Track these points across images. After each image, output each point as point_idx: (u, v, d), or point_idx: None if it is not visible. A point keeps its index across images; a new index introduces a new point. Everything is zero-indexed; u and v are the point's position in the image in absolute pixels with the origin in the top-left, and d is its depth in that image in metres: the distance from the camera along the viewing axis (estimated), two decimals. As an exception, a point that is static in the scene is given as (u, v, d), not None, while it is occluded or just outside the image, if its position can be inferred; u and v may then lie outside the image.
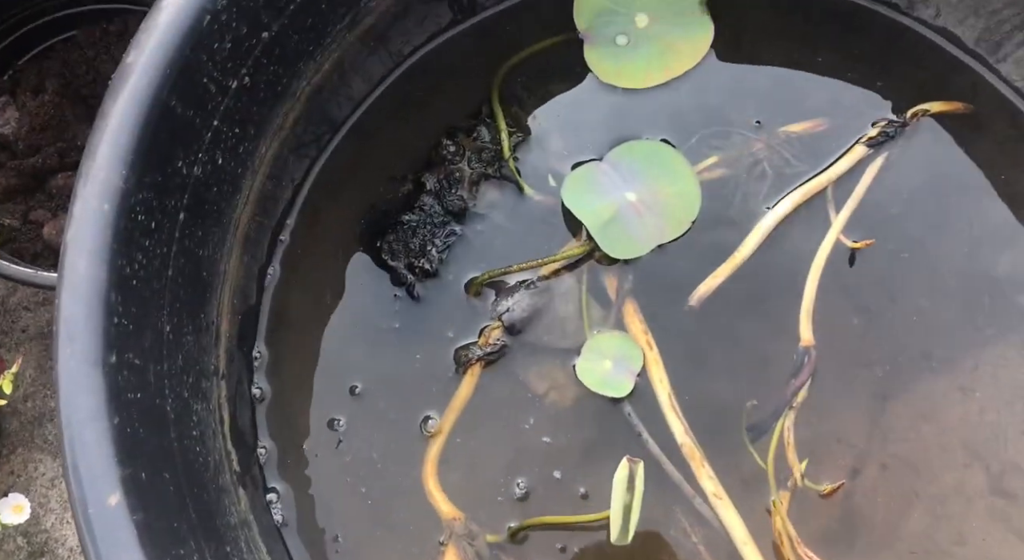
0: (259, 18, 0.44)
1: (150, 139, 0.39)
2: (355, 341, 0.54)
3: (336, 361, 0.54)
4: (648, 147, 0.49)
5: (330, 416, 0.52)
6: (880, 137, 0.48)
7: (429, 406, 0.50)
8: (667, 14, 0.54)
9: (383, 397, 0.52)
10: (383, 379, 0.52)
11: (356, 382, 0.52)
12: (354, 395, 0.52)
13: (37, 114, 0.58)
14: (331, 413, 0.52)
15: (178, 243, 0.44)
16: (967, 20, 0.52)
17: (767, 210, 0.48)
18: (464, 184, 0.51)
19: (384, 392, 0.52)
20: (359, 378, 0.52)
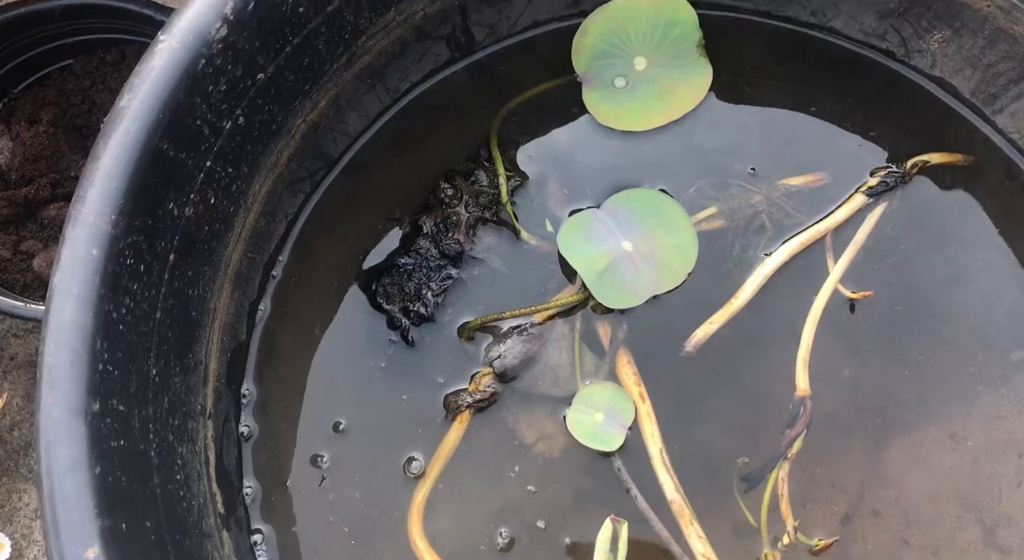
0: (255, 60, 0.44)
1: (141, 183, 0.39)
2: (345, 380, 0.53)
3: (324, 399, 0.53)
4: (646, 196, 0.49)
5: (314, 452, 0.51)
6: (879, 187, 0.48)
7: (414, 447, 0.50)
8: (665, 57, 0.54)
9: (367, 435, 0.51)
10: (369, 418, 0.52)
11: (341, 419, 0.52)
12: (338, 431, 0.51)
13: (31, 144, 0.57)
14: (315, 449, 0.51)
15: (167, 284, 0.43)
16: (963, 71, 0.52)
17: (765, 256, 0.47)
18: (461, 228, 0.50)
19: (369, 431, 0.51)
20: (345, 416, 0.52)
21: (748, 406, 0.48)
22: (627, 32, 0.54)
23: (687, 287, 0.48)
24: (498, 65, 0.60)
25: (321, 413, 0.53)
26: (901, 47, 0.54)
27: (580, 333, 0.47)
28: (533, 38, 0.60)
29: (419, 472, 0.48)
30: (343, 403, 0.52)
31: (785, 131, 0.54)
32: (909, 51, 0.54)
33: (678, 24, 0.54)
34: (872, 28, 0.54)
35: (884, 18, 0.53)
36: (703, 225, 0.49)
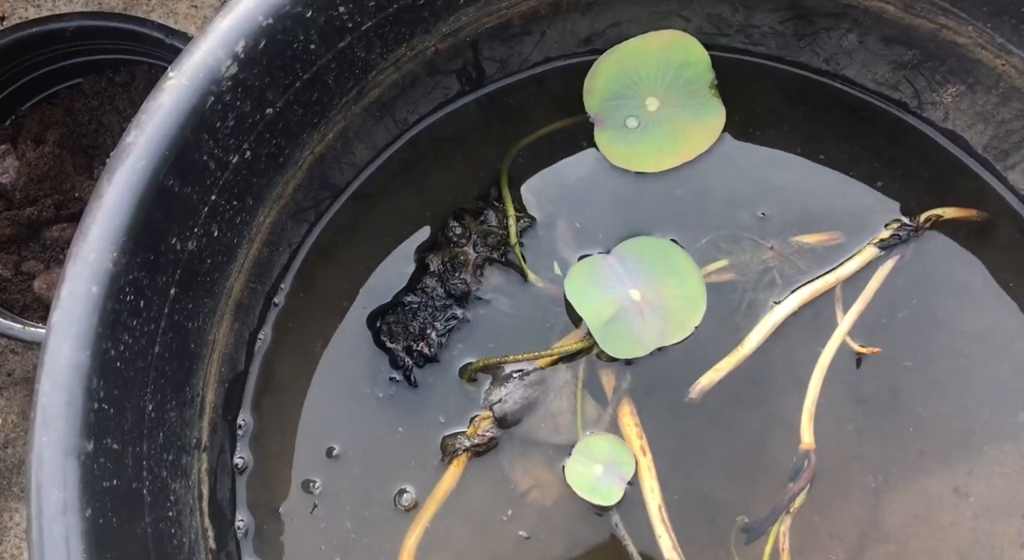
0: (264, 96, 0.44)
1: (144, 220, 0.38)
2: (344, 413, 0.53)
3: (320, 430, 0.53)
4: (657, 245, 0.49)
5: (306, 478, 0.51)
6: (892, 240, 0.48)
7: (407, 481, 0.49)
8: (677, 97, 0.54)
9: (361, 466, 0.51)
10: (366, 450, 0.51)
11: (337, 450, 0.51)
12: (332, 457, 0.51)
13: (37, 165, 0.57)
14: (308, 475, 0.51)
15: (167, 318, 0.43)
16: (976, 126, 0.52)
17: (774, 304, 0.47)
18: (468, 268, 0.50)
19: (364, 462, 0.51)
20: (340, 445, 0.51)
21: (751, 455, 0.47)
22: (639, 73, 0.54)
23: (693, 338, 0.47)
24: (508, 98, 0.60)
25: (316, 444, 0.52)
26: (914, 98, 0.54)
27: (583, 381, 0.47)
28: (544, 73, 0.59)
29: (410, 504, 0.48)
30: (340, 435, 0.52)
31: (796, 177, 0.53)
32: (922, 103, 0.54)
33: (690, 65, 0.54)
34: (885, 78, 0.54)
35: (897, 69, 0.53)
36: (713, 277, 0.49)
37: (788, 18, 0.54)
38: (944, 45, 0.49)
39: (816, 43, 0.55)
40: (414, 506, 0.48)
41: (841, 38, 0.53)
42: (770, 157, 0.54)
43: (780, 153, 0.55)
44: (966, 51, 0.48)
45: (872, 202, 0.52)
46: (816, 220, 0.50)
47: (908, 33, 0.50)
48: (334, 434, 0.52)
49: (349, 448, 0.52)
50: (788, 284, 0.48)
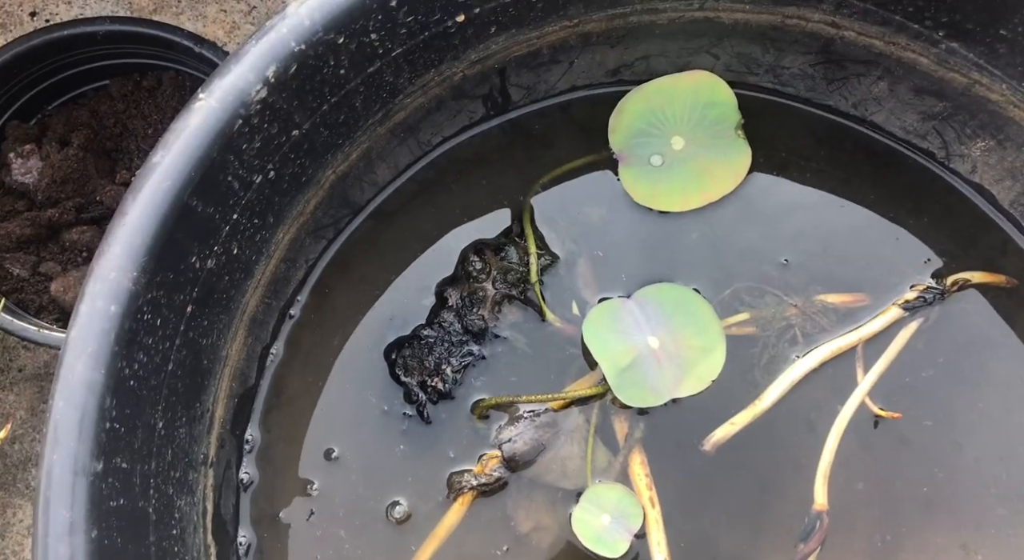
0: (291, 118, 0.44)
1: (166, 239, 0.38)
2: (352, 432, 0.53)
3: (325, 443, 0.53)
4: (678, 293, 0.48)
5: (307, 481, 0.51)
6: (917, 302, 0.47)
7: (400, 492, 0.49)
8: (703, 137, 0.54)
9: (361, 476, 0.51)
10: (373, 475, 0.51)
11: (338, 455, 0.51)
12: (331, 459, 0.51)
13: (60, 167, 0.57)
14: (309, 483, 0.51)
15: (182, 336, 0.43)
16: (1004, 181, 0.51)
17: (796, 358, 0.46)
18: (487, 304, 0.50)
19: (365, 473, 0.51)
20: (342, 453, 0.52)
21: (762, 511, 0.47)
22: (665, 112, 0.54)
23: (710, 390, 0.46)
24: (532, 124, 0.60)
25: (318, 454, 0.52)
26: (942, 149, 0.53)
27: (595, 426, 0.46)
28: (569, 101, 0.59)
29: (401, 516, 0.48)
30: (346, 448, 0.52)
31: (820, 222, 0.53)
32: (950, 154, 0.53)
33: (717, 105, 0.54)
34: (913, 127, 0.54)
35: (927, 119, 0.52)
36: (734, 330, 0.48)
37: (819, 62, 0.54)
38: (976, 100, 0.48)
39: (845, 88, 0.54)
40: (407, 518, 0.48)
41: (871, 85, 0.53)
42: (795, 200, 0.54)
43: (805, 197, 0.54)
44: (998, 108, 0.48)
45: (895, 252, 0.51)
46: (840, 274, 0.50)
47: (940, 85, 0.49)
48: (341, 449, 0.52)
49: (351, 456, 0.52)
50: (809, 342, 0.47)
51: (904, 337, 0.46)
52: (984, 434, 0.47)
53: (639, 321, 0.48)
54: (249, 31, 0.78)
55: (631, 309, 0.49)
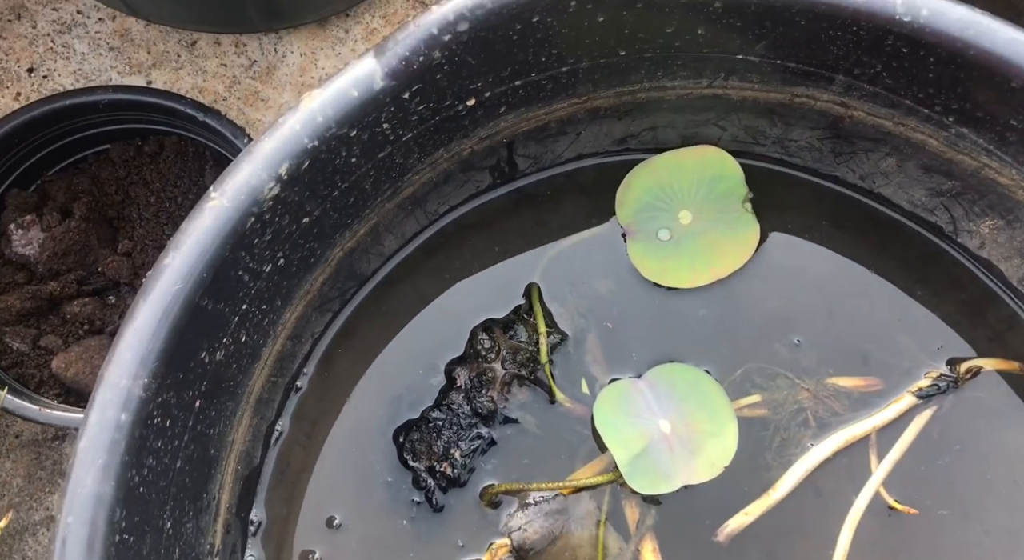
0: (303, 208, 0.43)
1: (177, 342, 0.38)
2: (358, 519, 0.52)
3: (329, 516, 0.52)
4: (690, 375, 0.48)
5: None
6: (930, 389, 0.47)
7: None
8: (710, 211, 0.54)
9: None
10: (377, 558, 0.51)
11: (344, 524, 0.51)
12: (336, 542, 0.50)
13: (62, 239, 0.56)
14: None
15: (190, 431, 0.42)
16: (1012, 259, 0.51)
17: (810, 446, 0.46)
18: (496, 385, 0.49)
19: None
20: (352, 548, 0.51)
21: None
22: (672, 186, 0.54)
23: (722, 475, 0.46)
24: (538, 190, 0.60)
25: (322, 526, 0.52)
26: (950, 225, 0.53)
27: (607, 512, 0.46)
28: (576, 168, 0.59)
29: None
30: (355, 541, 0.51)
31: (831, 298, 0.53)
32: (958, 230, 0.53)
33: (724, 179, 0.54)
34: (921, 202, 0.54)
35: (935, 196, 0.53)
36: (745, 411, 0.48)
37: (827, 136, 0.54)
38: (985, 182, 0.48)
39: (853, 161, 0.55)
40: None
41: (879, 160, 0.53)
42: (804, 276, 0.53)
43: (813, 271, 0.54)
44: (1008, 191, 0.48)
45: (906, 331, 0.51)
46: (851, 357, 0.50)
47: (949, 166, 0.49)
48: (346, 534, 0.51)
49: (356, 543, 0.51)
50: (821, 425, 0.47)
51: (918, 425, 0.46)
52: (1001, 520, 0.47)
53: (650, 404, 0.48)
54: (250, 87, 0.78)
55: (642, 391, 0.48)
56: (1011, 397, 0.48)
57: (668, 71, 0.50)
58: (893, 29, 0.42)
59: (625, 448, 0.46)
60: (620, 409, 0.48)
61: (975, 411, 0.48)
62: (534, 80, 0.48)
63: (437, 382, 0.53)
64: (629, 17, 0.44)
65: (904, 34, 0.42)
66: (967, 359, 0.48)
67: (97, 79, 0.78)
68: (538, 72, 0.47)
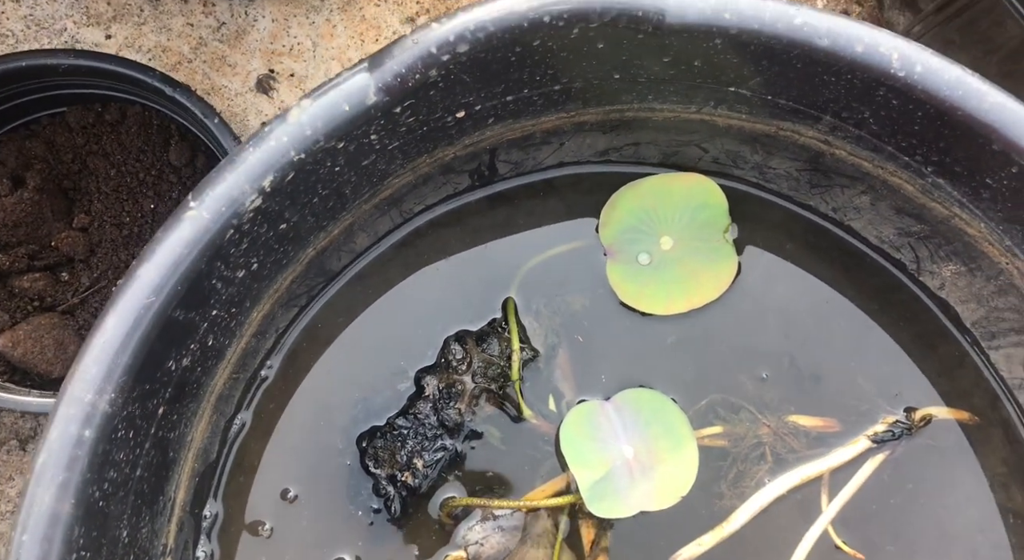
0: (282, 215, 0.42)
1: (146, 354, 0.37)
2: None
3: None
4: (656, 401, 0.49)
5: None
6: (885, 435, 0.49)
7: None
8: (691, 239, 0.54)
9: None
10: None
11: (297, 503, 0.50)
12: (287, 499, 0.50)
13: (13, 210, 0.53)
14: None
15: (152, 438, 0.41)
16: (969, 303, 0.53)
17: (766, 482, 0.48)
18: (464, 398, 0.49)
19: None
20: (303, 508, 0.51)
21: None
22: (656, 211, 0.54)
23: (678, 503, 0.47)
24: (516, 194, 0.59)
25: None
26: (914, 263, 0.55)
27: (563, 532, 0.47)
28: (556, 176, 0.59)
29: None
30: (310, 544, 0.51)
31: (797, 335, 0.54)
32: (921, 269, 0.55)
33: (708, 208, 0.54)
34: (889, 239, 0.55)
35: (903, 236, 0.54)
36: (706, 441, 0.49)
37: (806, 168, 0.54)
38: (954, 230, 0.50)
39: (828, 194, 0.55)
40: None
41: (854, 196, 0.54)
42: (774, 312, 0.54)
43: (783, 305, 0.55)
44: (974, 241, 0.49)
45: (865, 370, 0.53)
46: (813, 396, 0.51)
47: (921, 211, 0.51)
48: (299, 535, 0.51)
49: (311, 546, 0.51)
50: (778, 461, 0.49)
51: (871, 467, 0.48)
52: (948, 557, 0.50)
53: (615, 428, 0.49)
54: (217, 50, 0.74)
55: (608, 414, 0.49)
56: (960, 444, 0.51)
57: (659, 96, 0.49)
58: (886, 82, 0.42)
59: (588, 471, 0.47)
60: (585, 432, 0.48)
61: (926, 456, 0.50)
62: (526, 96, 0.47)
63: (405, 388, 0.53)
64: (629, 46, 0.43)
65: (896, 87, 0.42)
66: (921, 408, 0.50)
67: (51, 27, 0.74)
68: (531, 89, 0.46)
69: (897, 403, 0.52)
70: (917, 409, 0.50)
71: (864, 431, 0.49)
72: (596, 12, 0.39)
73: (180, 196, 0.58)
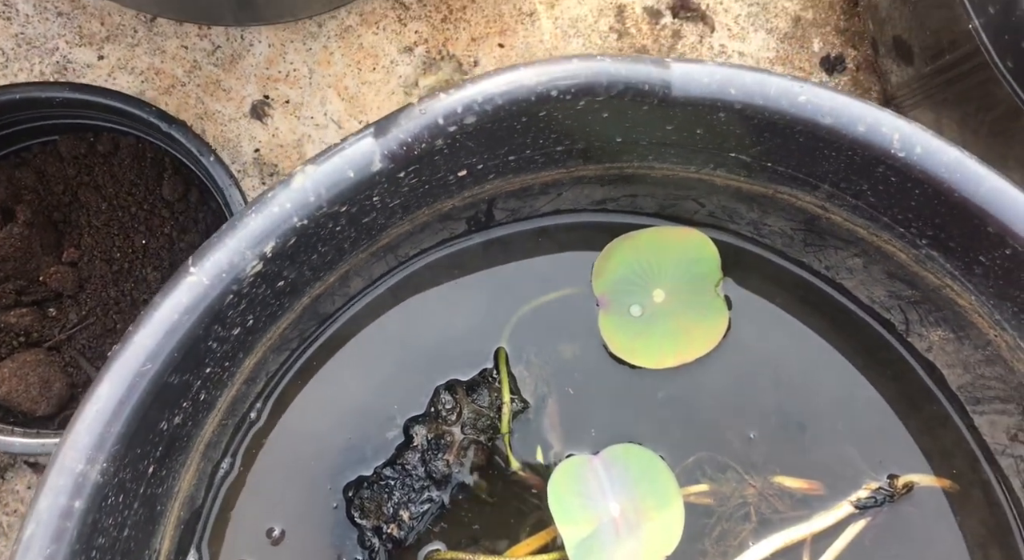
0: (280, 274, 0.42)
1: (139, 421, 0.36)
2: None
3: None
4: (644, 458, 0.49)
5: None
6: (868, 501, 0.50)
7: None
8: (684, 292, 0.54)
9: None
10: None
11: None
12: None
13: (2, 246, 0.53)
14: None
15: (141, 497, 0.41)
16: (955, 368, 0.54)
17: (750, 543, 0.48)
18: (453, 450, 0.49)
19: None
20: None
21: None
22: (651, 264, 0.54)
23: None
24: (511, 239, 0.59)
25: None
26: (903, 325, 0.56)
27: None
28: (552, 223, 0.59)
29: None
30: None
31: (785, 394, 0.54)
32: (909, 331, 0.56)
33: (702, 262, 0.55)
34: (880, 300, 0.56)
35: (894, 299, 0.55)
36: (691, 498, 0.49)
37: (801, 229, 0.55)
38: (945, 299, 0.50)
39: (822, 253, 0.56)
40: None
41: (847, 258, 0.55)
42: (763, 370, 0.55)
43: (772, 362, 0.56)
44: (964, 311, 0.50)
45: (851, 430, 0.54)
46: (799, 456, 0.52)
47: (913, 278, 0.51)
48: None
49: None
50: (762, 521, 0.49)
51: (852, 532, 0.49)
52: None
53: (603, 485, 0.49)
54: (211, 74, 0.74)
55: (596, 470, 0.49)
56: (941, 508, 0.51)
57: (659, 156, 0.50)
58: (886, 160, 0.43)
59: (574, 528, 0.47)
60: (573, 489, 0.48)
61: (907, 523, 0.51)
62: (528, 155, 0.47)
63: (393, 436, 0.53)
64: (633, 115, 0.43)
65: (895, 166, 0.43)
66: (904, 474, 0.51)
67: (42, 46, 0.72)
68: (533, 150, 0.46)
69: (881, 469, 0.52)
70: (899, 476, 0.51)
71: (847, 496, 0.50)
72: (603, 86, 0.39)
73: (172, 232, 0.57)
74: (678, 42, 0.80)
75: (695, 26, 0.80)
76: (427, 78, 0.78)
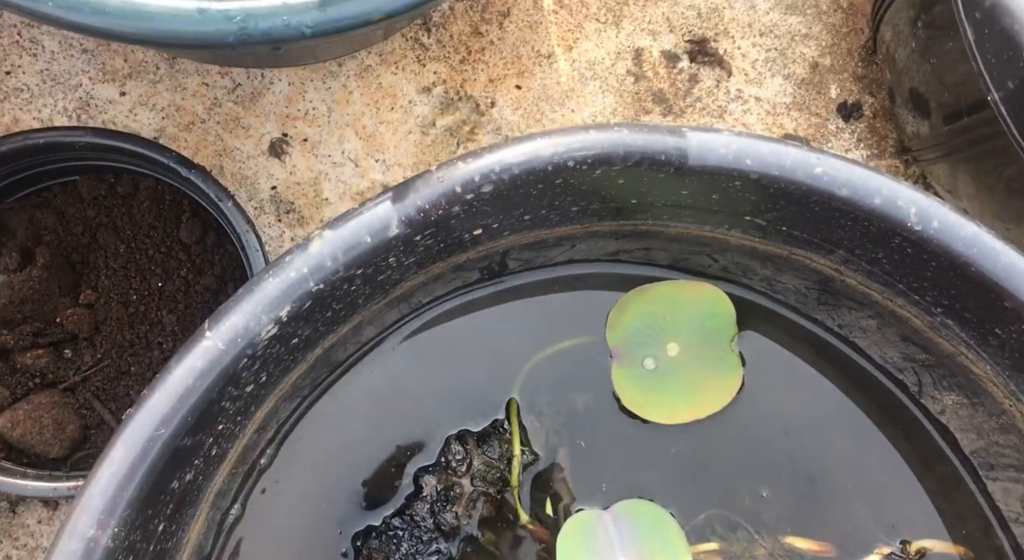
0: (296, 333, 0.42)
1: (152, 485, 0.36)
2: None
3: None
4: (655, 514, 0.49)
5: None
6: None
7: None
8: (698, 347, 0.54)
9: None
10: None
11: None
12: None
13: (20, 288, 0.53)
14: None
15: (151, 555, 0.41)
16: (969, 433, 0.54)
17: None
18: (462, 502, 0.49)
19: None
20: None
21: None
22: (665, 317, 0.54)
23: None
24: (524, 288, 0.59)
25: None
26: (916, 387, 0.55)
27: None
28: (565, 274, 0.59)
29: None
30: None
31: (798, 453, 0.54)
32: (923, 393, 0.55)
33: (716, 317, 0.55)
34: (893, 361, 0.55)
35: (908, 361, 0.54)
36: (701, 557, 0.49)
37: (814, 288, 0.55)
38: (959, 366, 0.50)
39: (836, 312, 0.56)
40: None
41: (861, 319, 0.54)
42: (777, 428, 0.55)
43: (785, 414, 0.56)
44: (978, 379, 0.50)
45: (864, 491, 0.53)
46: (811, 517, 0.51)
47: (927, 343, 0.51)
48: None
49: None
50: (772, 587, 0.49)
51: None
52: None
53: (612, 541, 0.49)
54: (231, 112, 0.74)
55: (606, 526, 0.49)
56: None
57: (674, 217, 0.50)
58: (902, 232, 0.43)
59: (584, 591, 0.47)
60: (582, 544, 0.48)
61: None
62: (543, 215, 0.47)
63: (402, 485, 0.53)
64: (649, 182, 0.43)
65: (911, 239, 0.43)
66: (917, 540, 0.51)
67: (66, 82, 0.73)
68: (548, 210, 0.46)
69: (893, 533, 0.52)
70: (912, 541, 0.51)
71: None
72: (620, 156, 0.40)
73: (188, 274, 0.58)
74: (695, 86, 0.80)
75: (712, 70, 0.80)
76: (444, 118, 0.78)
